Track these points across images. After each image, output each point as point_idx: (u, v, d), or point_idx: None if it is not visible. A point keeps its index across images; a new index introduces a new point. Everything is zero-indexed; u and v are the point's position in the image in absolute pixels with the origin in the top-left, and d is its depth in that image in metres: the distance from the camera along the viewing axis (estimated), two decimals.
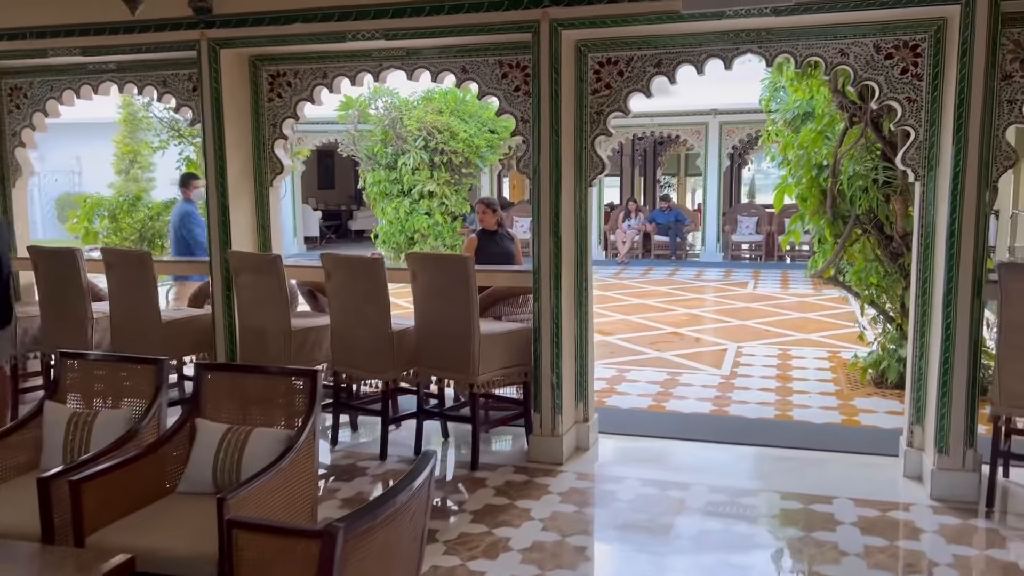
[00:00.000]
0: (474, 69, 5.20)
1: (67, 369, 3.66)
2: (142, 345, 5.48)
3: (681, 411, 6.20)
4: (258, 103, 5.62)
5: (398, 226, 13.76)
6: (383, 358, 4.98)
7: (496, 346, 4.94)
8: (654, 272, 15.23)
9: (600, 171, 5.09)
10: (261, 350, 5.30)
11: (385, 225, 13.92)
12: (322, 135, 17.11)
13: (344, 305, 5.11)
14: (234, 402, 3.45)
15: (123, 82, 5.88)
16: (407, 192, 13.75)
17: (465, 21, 4.89)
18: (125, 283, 5.51)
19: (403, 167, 13.56)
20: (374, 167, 13.97)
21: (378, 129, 13.74)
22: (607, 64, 4.99)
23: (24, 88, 6.13)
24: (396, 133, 13.61)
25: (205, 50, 5.33)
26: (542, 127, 4.86)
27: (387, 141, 13.72)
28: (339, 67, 5.45)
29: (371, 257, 5.01)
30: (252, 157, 5.65)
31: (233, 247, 5.48)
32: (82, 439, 3.45)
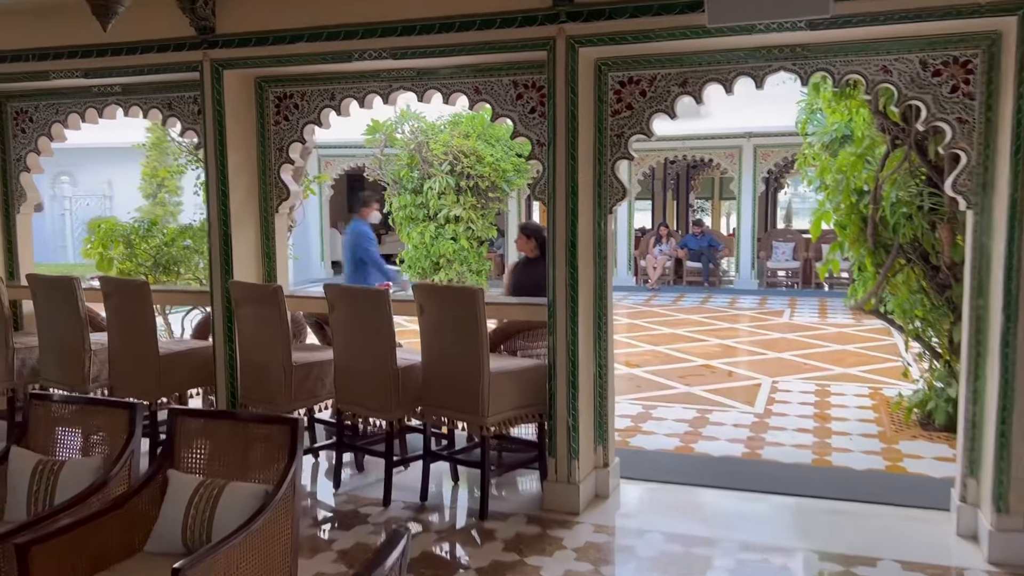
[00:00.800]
0: (488, 90, 4.91)
1: (35, 411, 3.39)
2: (139, 379, 5.24)
3: (711, 453, 5.78)
4: (264, 126, 5.38)
5: (423, 251, 13.51)
6: (387, 396, 4.66)
7: (508, 385, 4.59)
8: (686, 299, 14.78)
9: (621, 197, 4.75)
10: (261, 385, 5.02)
11: (410, 250, 13.70)
12: (350, 159, 17.00)
13: (348, 339, 4.81)
14: (210, 451, 3.15)
15: (128, 105, 5.69)
16: (433, 217, 13.51)
17: (477, 39, 4.60)
18: (123, 314, 5.27)
19: (429, 191, 13.33)
20: (400, 191, 13.78)
21: (404, 153, 13.56)
22: (628, 83, 4.66)
23: (30, 112, 5.97)
24: (422, 157, 13.40)
25: (208, 71, 5.11)
26: (557, 150, 4.54)
27: (413, 165, 13.52)
28: (347, 88, 5.19)
29: (376, 288, 4.70)
30: (257, 182, 5.41)
31: (235, 277, 5.22)
32: (47, 490, 3.17)
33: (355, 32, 4.78)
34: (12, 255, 6.15)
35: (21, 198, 6.09)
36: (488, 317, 4.65)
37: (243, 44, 5.02)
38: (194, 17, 4.98)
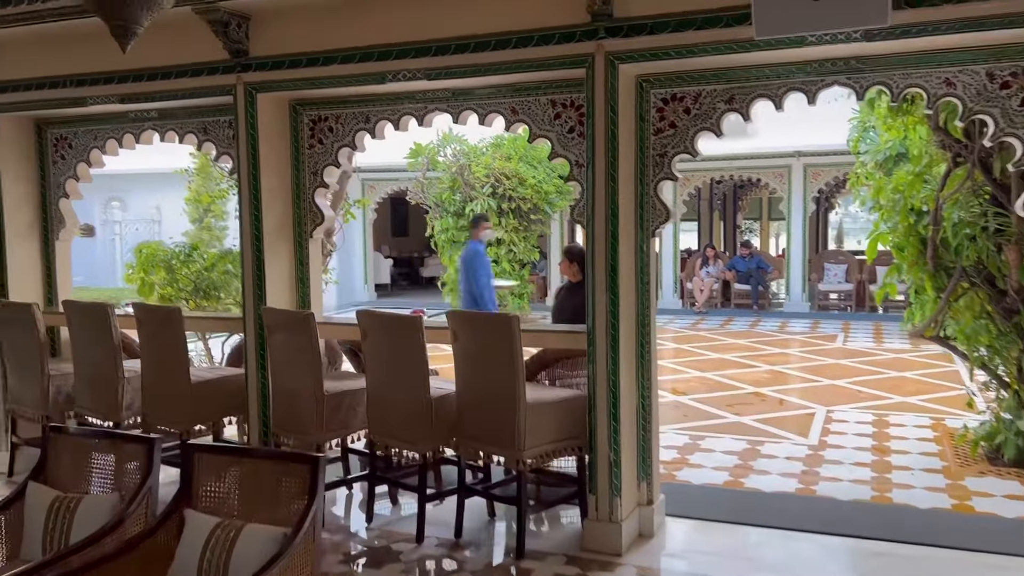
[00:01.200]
0: (524, 109, 4.74)
1: (53, 444, 3.28)
2: (171, 408, 5.15)
3: (762, 489, 5.48)
4: (298, 150, 5.28)
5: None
6: (420, 427, 4.49)
7: (545, 416, 4.38)
8: (734, 323, 14.39)
9: (664, 219, 4.53)
10: (293, 415, 4.89)
11: (452, 273, 13.60)
12: (393, 183, 17.02)
13: (380, 367, 4.65)
14: (228, 490, 3.00)
15: (164, 130, 5.65)
16: None
17: (513, 57, 4.45)
18: (155, 341, 5.19)
19: (471, 214, 13.25)
20: (442, 214, 13.71)
21: (446, 176, 13.51)
22: (672, 101, 4.46)
23: (69, 138, 5.98)
24: (464, 180, 13.34)
25: (241, 94, 5.04)
26: (596, 171, 4.35)
27: (455, 188, 13.47)
28: (382, 110, 5.07)
29: (409, 315, 4.54)
30: (291, 207, 5.30)
31: (269, 303, 5.10)
32: (63, 528, 3.05)
33: (388, 53, 4.66)
34: (51, 281, 6.14)
35: (60, 224, 6.08)
36: (525, 345, 4.46)
37: (276, 67, 4.94)
38: (227, 40, 4.92)
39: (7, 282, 5.90)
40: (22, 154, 5.96)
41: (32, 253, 6.05)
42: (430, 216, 13.97)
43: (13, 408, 5.79)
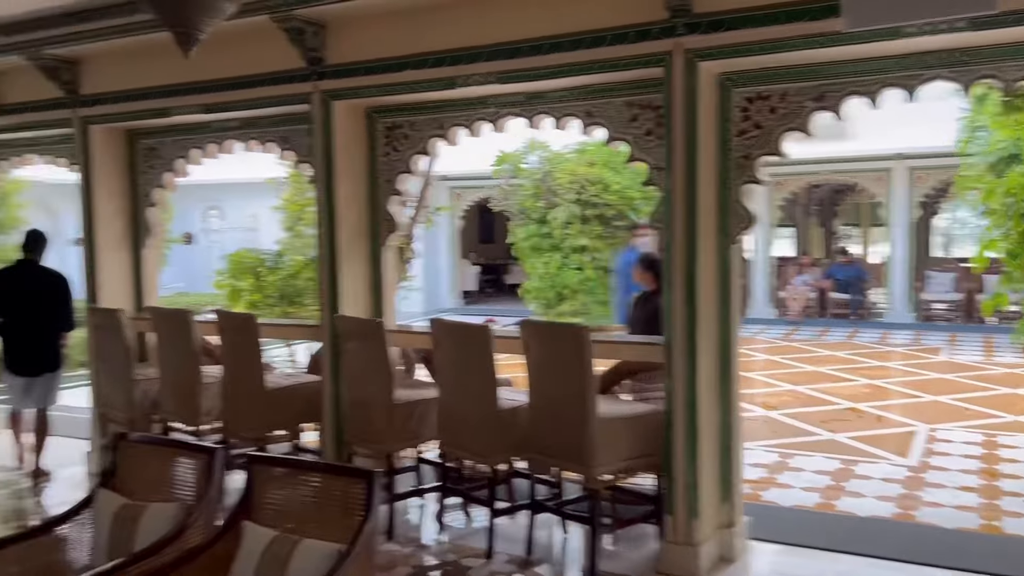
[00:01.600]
0: (600, 112, 4.57)
1: (122, 451, 3.31)
2: (248, 414, 5.19)
3: (856, 512, 5.13)
4: (374, 158, 5.26)
5: (548, 281, 13.27)
6: (489, 439, 4.37)
7: (619, 432, 4.19)
8: (831, 334, 13.76)
9: (747, 225, 4.28)
10: (365, 424, 4.85)
11: (535, 280, 13.49)
12: (479, 191, 17.06)
13: (451, 377, 4.56)
14: (285, 503, 2.94)
15: (247, 139, 5.73)
16: (558, 247, 13.26)
17: (587, 58, 4.29)
18: (233, 347, 5.25)
19: (554, 221, 13.12)
20: (525, 221, 13.63)
21: (529, 183, 13.42)
22: (756, 100, 4.22)
23: (157, 148, 6.14)
24: (547, 187, 13.21)
25: (318, 102, 5.05)
26: (675, 175, 4.14)
27: (538, 195, 13.36)
28: (455, 116, 4.99)
29: (478, 324, 4.43)
30: (366, 215, 5.28)
31: (343, 311, 5.09)
32: (127, 536, 3.05)
33: (460, 57, 4.58)
34: (139, 288, 6.32)
35: (148, 233, 6.25)
36: (600, 357, 4.29)
37: (350, 74, 4.93)
38: (304, 48, 4.94)
39: (98, 288, 6.10)
40: (114, 164, 6.15)
41: (122, 260, 6.24)
42: (513, 223, 13.91)
43: (104, 411, 5.97)
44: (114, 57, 5.65)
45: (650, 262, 5.55)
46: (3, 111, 6.28)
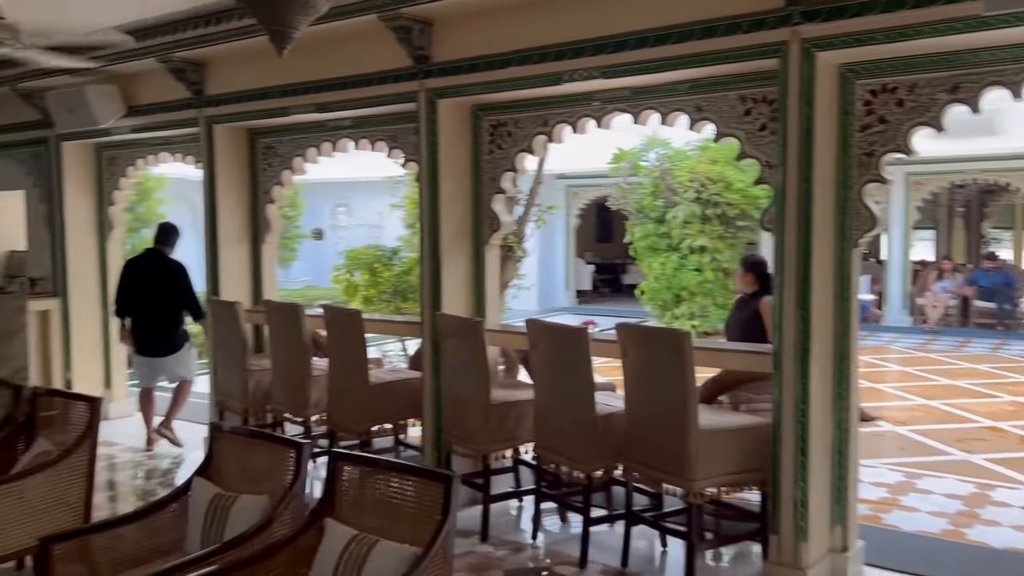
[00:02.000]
0: (710, 107, 4.36)
1: (218, 441, 3.39)
2: (352, 407, 5.28)
3: (990, 543, 4.69)
4: (478, 156, 5.23)
5: (664, 283, 12.95)
6: (585, 445, 4.24)
7: (722, 445, 3.97)
8: (972, 345, 12.76)
9: (870, 227, 3.97)
10: (462, 422, 4.84)
11: (651, 281, 13.19)
12: (597, 189, 16.87)
13: (547, 379, 4.47)
14: (366, 501, 2.93)
15: (358, 138, 5.83)
16: (676, 247, 12.91)
17: (696, 50, 4.09)
18: (340, 342, 5.35)
19: (672, 220, 12.77)
20: (642, 220, 13.34)
21: (648, 181, 13.12)
22: (881, 92, 3.90)
23: (275, 147, 6.34)
24: (666, 185, 12.88)
25: (423, 101, 5.06)
26: (788, 172, 3.88)
27: (657, 193, 13.05)
28: (559, 113, 4.89)
29: (576, 326, 4.31)
30: (470, 213, 5.26)
31: (444, 309, 5.09)
32: (218, 526, 3.13)
33: (564, 52, 4.47)
34: (258, 281, 6.55)
35: (266, 228, 6.47)
36: (702, 365, 4.08)
37: (456, 72, 4.91)
38: (411, 47, 4.96)
39: (219, 281, 6.36)
40: (236, 162, 6.40)
41: (242, 255, 6.49)
42: (630, 222, 13.65)
43: (221, 399, 6.23)
44: (236, 59, 5.86)
45: (752, 263, 5.30)
46: (137, 112, 6.65)
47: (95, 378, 7.63)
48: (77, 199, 7.47)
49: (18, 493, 3.63)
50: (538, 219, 8.87)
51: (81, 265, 7.53)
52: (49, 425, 4.08)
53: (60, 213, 7.41)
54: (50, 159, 7.43)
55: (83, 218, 7.53)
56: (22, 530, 3.56)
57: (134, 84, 6.63)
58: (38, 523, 3.63)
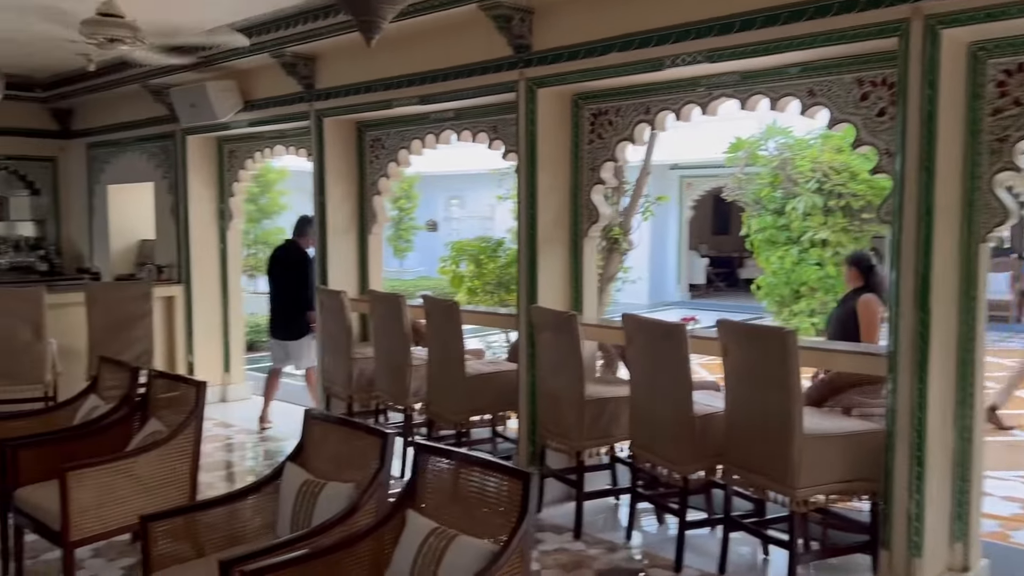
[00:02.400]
0: (824, 91, 4.10)
1: (310, 428, 3.45)
2: (449, 397, 5.30)
3: None
4: (578, 145, 5.13)
5: (783, 277, 12.39)
6: (682, 445, 4.09)
7: (828, 450, 3.73)
8: None
9: (1001, 220, 3.63)
10: (556, 417, 4.76)
11: (768, 276, 12.67)
12: (712, 180, 16.38)
13: (643, 376, 4.33)
14: (446, 495, 2.90)
15: (460, 129, 5.84)
16: (795, 240, 12.34)
17: (808, 30, 3.85)
18: (438, 332, 5.38)
19: (792, 212, 12.21)
20: (760, 212, 12.84)
21: (766, 171, 12.61)
22: (1017, 72, 3.56)
23: (382, 139, 6.44)
24: (786, 175, 12.33)
25: (523, 90, 5.00)
26: (907, 161, 3.60)
27: (776, 184, 12.51)
28: (662, 100, 4.73)
29: (674, 322, 4.15)
30: (568, 204, 5.17)
31: (540, 301, 5.02)
32: (307, 511, 3.18)
33: (667, 37, 4.30)
34: (364, 271, 6.69)
35: (373, 220, 6.58)
36: (810, 366, 3.85)
37: (556, 60, 4.82)
38: (511, 36, 4.91)
39: (328, 270, 6.53)
40: (344, 155, 6.54)
41: (349, 245, 6.64)
42: (746, 214, 13.16)
43: (327, 385, 6.39)
44: (344, 53, 5.97)
45: (855, 258, 5.11)
46: (254, 106, 6.90)
47: (215, 362, 8.01)
48: (200, 190, 7.84)
49: (130, 470, 3.81)
50: (645, 211, 8.64)
51: (203, 253, 7.91)
52: (161, 406, 4.26)
53: (184, 204, 7.80)
54: (176, 152, 7.83)
55: (205, 208, 7.89)
56: (134, 505, 3.74)
57: (250, 79, 6.88)
58: (148, 499, 3.81)
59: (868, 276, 4.96)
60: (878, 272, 5.26)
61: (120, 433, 4.28)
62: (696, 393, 4.18)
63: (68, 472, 3.56)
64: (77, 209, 9.43)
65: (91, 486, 3.63)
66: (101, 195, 9.03)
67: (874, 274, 5.08)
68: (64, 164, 9.49)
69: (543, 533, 4.67)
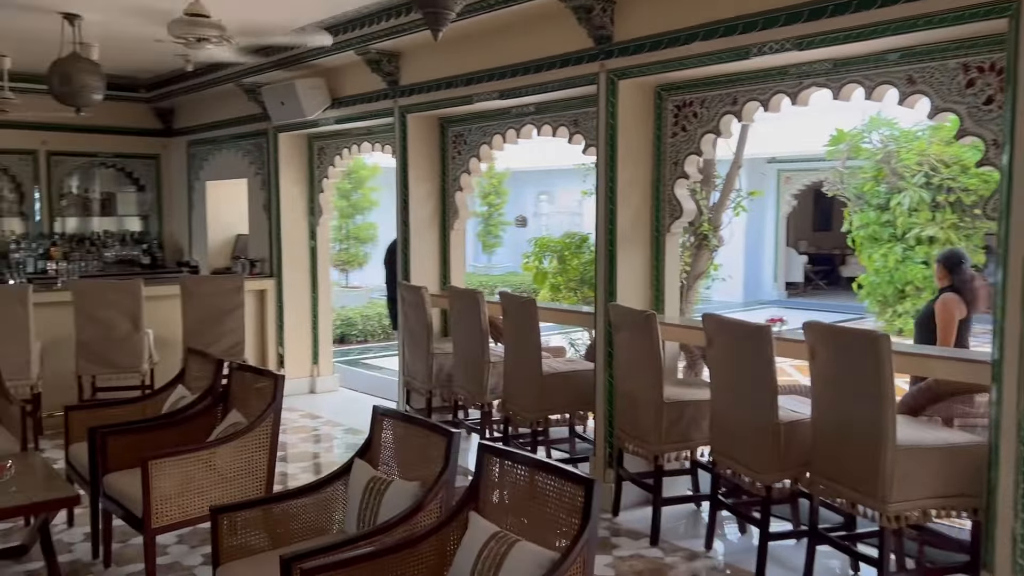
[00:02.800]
0: (925, 78, 3.82)
1: (377, 425, 3.44)
2: (524, 395, 5.24)
3: None
4: (661, 139, 4.97)
5: (886, 276, 11.83)
6: (765, 453, 3.89)
7: (924, 463, 3.48)
8: None
9: None
10: (633, 419, 4.63)
11: (871, 274, 12.10)
12: (812, 174, 15.77)
13: (724, 379, 4.15)
14: (513, 497, 2.83)
15: (541, 124, 5.75)
16: (900, 237, 11.75)
17: (909, 12, 3.58)
18: (515, 329, 5.32)
19: (897, 207, 11.63)
20: (862, 208, 12.26)
21: (870, 165, 12.02)
22: None
23: (464, 135, 6.42)
24: (891, 169, 11.73)
25: (603, 82, 4.87)
26: (1016, 153, 3.30)
27: (880, 178, 11.92)
28: (749, 90, 4.52)
29: (758, 324, 3.95)
30: (650, 199, 5.02)
31: (619, 299, 4.89)
32: (373, 508, 3.17)
33: (754, 23, 4.10)
34: (446, 267, 6.69)
35: (455, 215, 6.58)
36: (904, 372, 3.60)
37: (638, 51, 4.67)
38: (591, 27, 4.78)
39: (411, 265, 6.56)
40: (427, 151, 6.56)
41: (432, 241, 6.65)
42: (848, 210, 12.59)
43: (408, 379, 6.43)
44: (427, 48, 5.98)
45: (943, 256, 4.94)
46: (341, 103, 7.00)
47: (304, 354, 8.20)
48: (291, 186, 8.03)
49: (209, 460, 3.90)
50: (736, 206, 8.35)
51: (294, 248, 8.10)
52: (242, 398, 4.35)
53: (276, 199, 8.00)
54: (268, 149, 8.04)
55: (295, 204, 8.08)
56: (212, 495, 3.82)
57: (337, 77, 6.98)
58: (226, 489, 3.90)
59: (954, 275, 4.66)
60: (965, 271, 4.96)
61: (203, 423, 4.40)
62: (782, 398, 3.98)
63: (150, 461, 3.67)
64: (178, 204, 9.83)
65: (172, 475, 3.73)
66: (200, 191, 9.38)
67: (960, 272, 4.79)
68: (167, 161, 9.91)
69: (619, 538, 4.55)
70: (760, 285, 16.67)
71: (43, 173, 9.20)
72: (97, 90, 5.81)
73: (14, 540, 4.35)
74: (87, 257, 9.31)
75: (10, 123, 7.91)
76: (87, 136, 9.16)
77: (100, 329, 6.47)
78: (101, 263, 9.39)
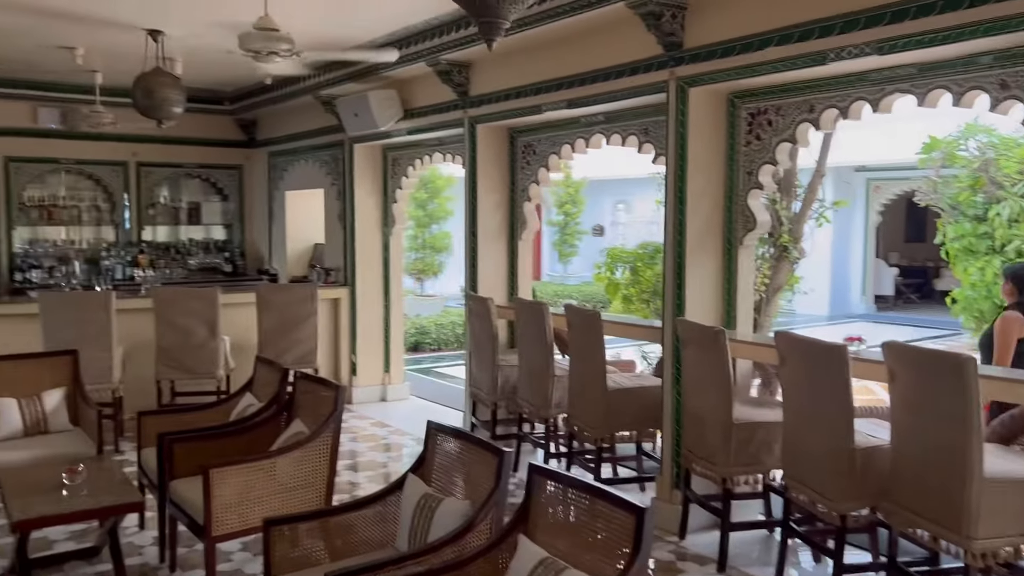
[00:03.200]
0: (1020, 82, 3.56)
1: (431, 441, 3.39)
2: (589, 411, 5.12)
3: None
4: (734, 147, 4.79)
5: (983, 291, 11.16)
6: (839, 480, 3.67)
7: (1015, 497, 3.22)
8: None
9: None
10: (701, 439, 4.46)
11: (966, 288, 11.46)
12: (903, 183, 15.09)
13: (797, 401, 3.94)
14: (563, 521, 2.73)
15: (610, 133, 5.64)
16: (999, 249, 11.08)
17: (1003, 12, 3.35)
18: (580, 343, 5.20)
19: (996, 218, 10.98)
20: (957, 218, 11.64)
21: (965, 173, 11.41)
22: None
23: (533, 145, 6.35)
24: (989, 177, 11.10)
25: (673, 90, 4.72)
26: None
27: (977, 187, 11.29)
28: (827, 97, 4.30)
29: (834, 343, 3.73)
30: (722, 210, 4.84)
31: (688, 314, 4.73)
32: (424, 526, 3.11)
33: (832, 27, 3.90)
34: (513, 278, 6.63)
35: (523, 226, 6.51)
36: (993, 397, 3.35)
37: (708, 57, 4.51)
38: (660, 34, 4.65)
39: (478, 276, 6.53)
40: (496, 161, 6.52)
41: (499, 252, 6.60)
42: (941, 220, 11.98)
43: (474, 391, 6.39)
44: (496, 59, 5.93)
45: (1008, 270, 4.61)
46: (412, 114, 7.03)
47: (376, 362, 8.27)
48: (365, 197, 8.12)
49: (270, 470, 3.92)
50: (819, 216, 8.02)
51: (367, 257, 8.18)
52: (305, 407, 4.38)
53: (351, 209, 8.11)
54: (344, 160, 8.15)
55: (370, 214, 8.16)
56: (272, 504, 3.84)
57: (409, 88, 7.02)
58: (286, 499, 3.91)
59: (1021, 291, 4.32)
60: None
61: (268, 432, 4.43)
62: (859, 421, 3.76)
63: (211, 470, 3.71)
64: (259, 214, 10.09)
65: (232, 484, 3.76)
66: (280, 201, 9.60)
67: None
68: (249, 171, 10.19)
69: (684, 563, 4.39)
70: (847, 298, 16.04)
71: (133, 183, 9.58)
72: (177, 103, 5.99)
73: (89, 541, 4.48)
74: (172, 265, 9.65)
75: (102, 136, 8.27)
76: (174, 147, 9.50)
77: (179, 335, 6.66)
78: (185, 271, 9.72)
